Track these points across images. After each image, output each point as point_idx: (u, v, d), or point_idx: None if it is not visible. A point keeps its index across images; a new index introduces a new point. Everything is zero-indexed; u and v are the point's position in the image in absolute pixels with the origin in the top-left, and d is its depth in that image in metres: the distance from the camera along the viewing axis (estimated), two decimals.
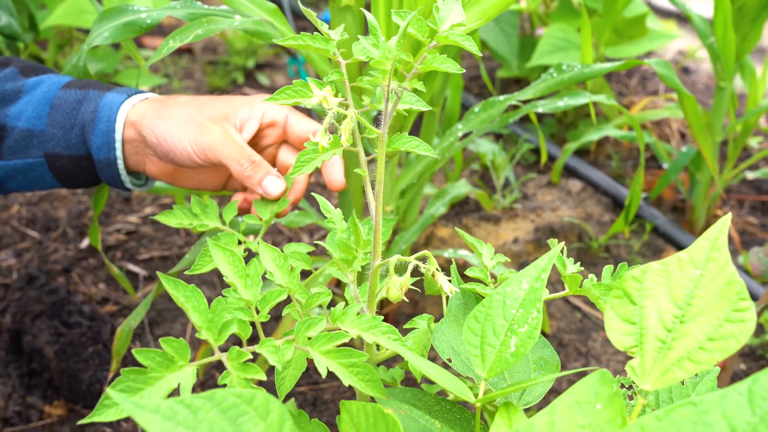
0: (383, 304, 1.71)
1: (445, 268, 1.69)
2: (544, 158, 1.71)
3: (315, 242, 1.34)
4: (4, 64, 1.24)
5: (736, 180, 2.20)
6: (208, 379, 1.63)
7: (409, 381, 1.59)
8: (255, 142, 1.23)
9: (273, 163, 1.25)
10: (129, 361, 1.66)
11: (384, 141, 0.95)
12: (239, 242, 1.14)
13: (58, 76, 1.25)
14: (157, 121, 1.16)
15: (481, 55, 0.97)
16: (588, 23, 1.44)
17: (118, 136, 1.18)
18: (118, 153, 1.18)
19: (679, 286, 0.79)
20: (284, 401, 1.02)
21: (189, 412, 0.66)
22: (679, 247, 2.05)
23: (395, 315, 1.78)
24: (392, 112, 0.94)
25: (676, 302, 0.78)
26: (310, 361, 1.65)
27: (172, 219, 1.16)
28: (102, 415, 0.83)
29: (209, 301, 0.89)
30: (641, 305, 0.80)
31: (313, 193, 1.18)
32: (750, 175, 2.27)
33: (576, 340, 1.78)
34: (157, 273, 0.93)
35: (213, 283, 1.84)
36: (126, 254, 1.90)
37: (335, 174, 1.20)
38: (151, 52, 2.56)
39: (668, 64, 1.62)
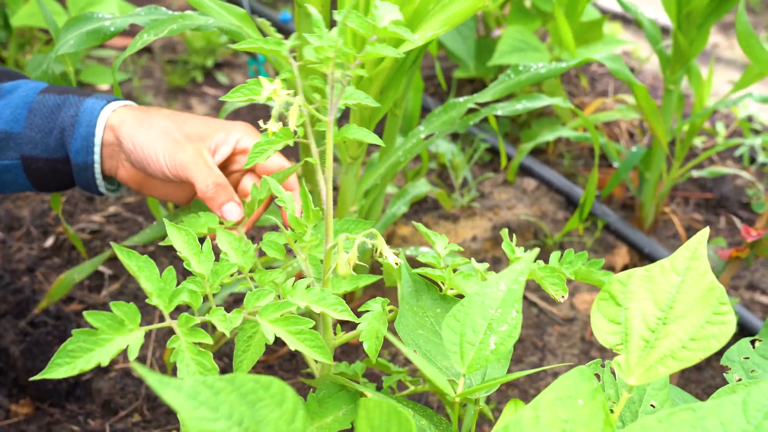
0: (347, 301, 1.75)
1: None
2: (503, 162, 1.77)
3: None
4: None
5: (682, 179, 2.29)
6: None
7: (371, 375, 1.63)
8: (224, 165, 1.27)
9: (235, 187, 1.29)
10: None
11: (331, 128, 1.02)
12: (220, 222, 1.19)
13: (34, 81, 1.27)
14: (137, 129, 1.19)
15: (429, 47, 1.04)
16: (566, 23, 1.49)
17: (97, 140, 1.21)
18: (96, 157, 1.21)
19: (662, 291, 0.85)
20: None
21: (211, 393, 0.69)
22: (630, 243, 2.13)
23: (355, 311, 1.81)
24: (338, 101, 1.02)
25: (659, 305, 0.84)
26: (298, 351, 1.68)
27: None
28: (53, 372, 0.86)
29: None
30: (626, 307, 0.86)
31: (264, 176, 1.20)
32: (695, 174, 2.36)
33: (533, 334, 1.84)
34: (111, 244, 0.97)
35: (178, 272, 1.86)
36: (91, 253, 1.91)
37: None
38: (113, 52, 2.56)
39: (619, 57, 1.69)
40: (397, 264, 1.04)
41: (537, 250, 1.00)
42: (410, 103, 2.03)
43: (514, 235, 1.17)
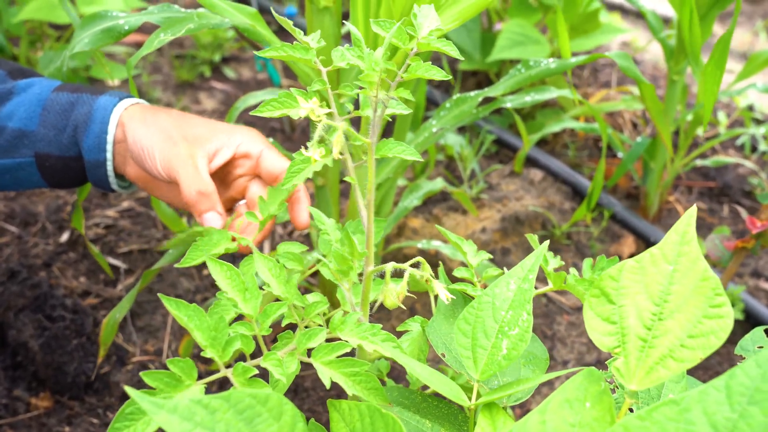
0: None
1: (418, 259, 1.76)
2: (525, 141, 1.79)
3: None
4: None
5: (686, 168, 2.31)
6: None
7: (393, 372, 1.65)
8: (228, 170, 1.26)
9: (242, 194, 1.27)
10: (113, 351, 1.71)
11: (373, 149, 0.96)
12: (233, 239, 1.16)
13: (47, 79, 1.29)
14: (140, 125, 1.20)
15: (462, 57, 1.03)
16: (564, 24, 1.52)
17: (110, 138, 1.22)
18: (109, 155, 1.23)
19: (654, 282, 0.78)
20: None
21: (206, 413, 0.67)
22: (636, 232, 2.16)
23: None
24: (380, 121, 0.96)
25: (653, 299, 0.78)
26: None
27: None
28: None
29: (193, 293, 0.92)
30: (620, 304, 0.79)
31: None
32: (698, 163, 2.39)
33: (542, 323, 1.87)
34: (159, 295, 0.93)
35: (191, 275, 1.89)
36: (105, 248, 1.93)
37: (302, 215, 1.23)
38: (121, 48, 2.58)
39: (628, 56, 1.72)
40: (449, 299, 1.00)
41: (547, 243, 0.98)
42: (416, 95, 2.06)
43: (524, 228, 1.17)
